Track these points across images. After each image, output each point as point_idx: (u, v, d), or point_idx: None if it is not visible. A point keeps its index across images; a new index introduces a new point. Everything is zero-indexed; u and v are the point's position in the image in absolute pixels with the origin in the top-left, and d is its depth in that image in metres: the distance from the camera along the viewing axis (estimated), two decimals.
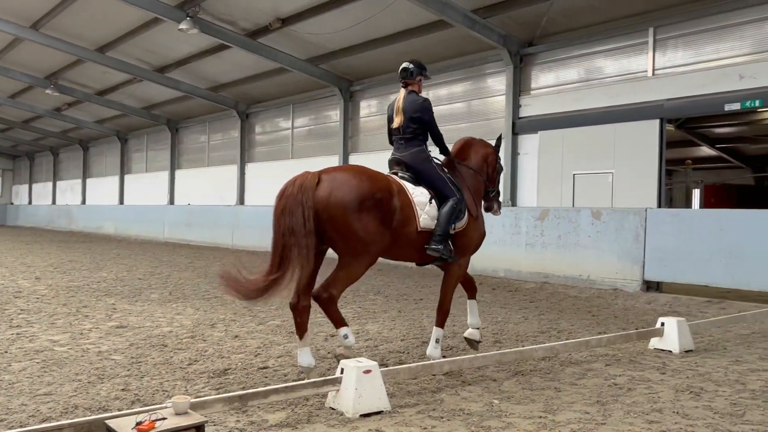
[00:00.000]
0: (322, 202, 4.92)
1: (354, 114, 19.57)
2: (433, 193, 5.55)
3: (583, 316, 9.16)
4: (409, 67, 5.85)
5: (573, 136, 13.74)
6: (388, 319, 8.41)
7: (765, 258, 10.23)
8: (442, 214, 5.49)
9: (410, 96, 5.75)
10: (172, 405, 3.59)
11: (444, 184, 5.62)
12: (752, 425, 4.26)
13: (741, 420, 4.37)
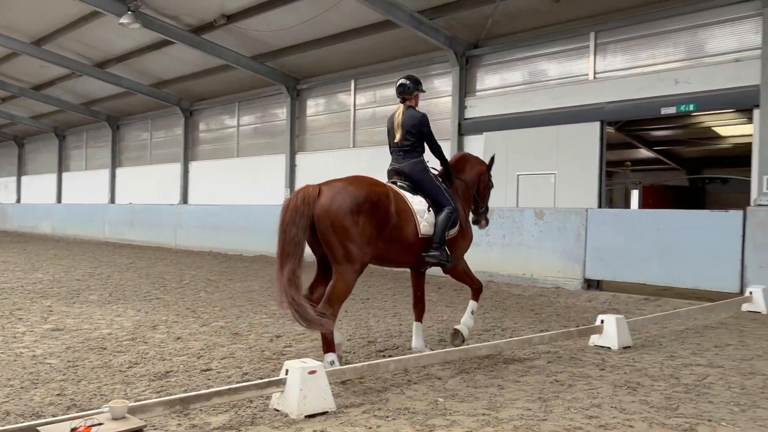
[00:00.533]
0: (324, 210, 5.25)
1: (301, 113, 19.45)
2: (430, 201, 5.94)
3: (527, 314, 9.33)
4: (407, 83, 6.19)
5: (517, 138, 13.98)
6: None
7: (698, 256, 10.63)
8: (438, 222, 5.89)
9: (409, 111, 6.13)
10: (109, 409, 3.49)
11: (440, 194, 6.03)
12: (685, 418, 4.42)
13: (675, 413, 4.52)
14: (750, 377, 5.62)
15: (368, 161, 17.19)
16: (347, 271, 5.37)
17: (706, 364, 6.09)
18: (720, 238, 10.45)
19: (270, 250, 18.48)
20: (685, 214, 11.40)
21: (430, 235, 5.86)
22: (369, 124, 17.47)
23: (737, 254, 10.26)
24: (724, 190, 24.72)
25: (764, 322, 8.75)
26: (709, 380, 5.48)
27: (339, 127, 18.29)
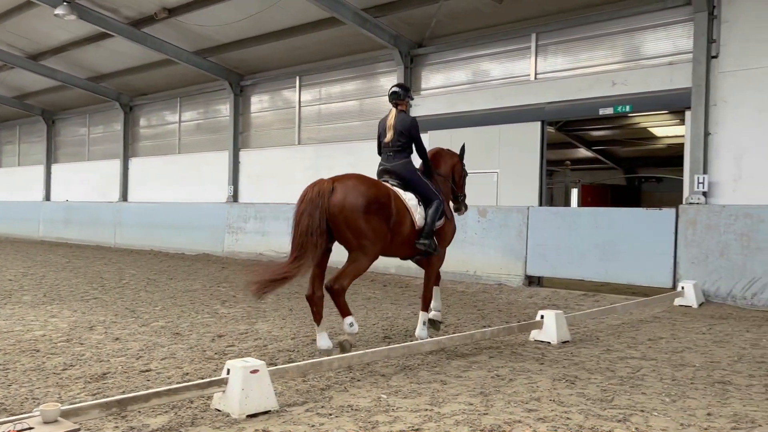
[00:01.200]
0: (338, 206, 5.86)
1: (245, 109, 19.20)
2: (419, 197, 6.57)
3: (470, 310, 9.46)
4: (399, 91, 6.88)
5: (461, 136, 14.09)
6: (279, 318, 8.32)
7: (634, 253, 10.98)
8: (428, 214, 6.54)
9: (400, 115, 6.76)
10: (41, 413, 3.37)
11: (427, 189, 6.67)
12: (620, 409, 4.55)
13: (610, 405, 4.66)
14: (680, 369, 5.84)
15: (313, 159, 17.10)
16: (361, 259, 6.00)
17: (640, 357, 6.30)
18: (654, 235, 10.81)
19: (212, 249, 18.19)
20: (622, 212, 11.75)
21: (422, 226, 6.51)
22: (314, 121, 17.38)
23: (670, 250, 10.64)
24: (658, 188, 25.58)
25: (695, 315, 9.10)
26: (643, 372, 5.67)
27: (284, 124, 18.13)
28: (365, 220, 5.89)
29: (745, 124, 10.51)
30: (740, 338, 7.45)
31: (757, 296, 9.76)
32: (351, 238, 5.93)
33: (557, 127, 18.62)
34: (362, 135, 16.13)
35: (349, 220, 5.85)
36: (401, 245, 6.45)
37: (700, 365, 5.99)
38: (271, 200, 17.73)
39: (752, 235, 9.89)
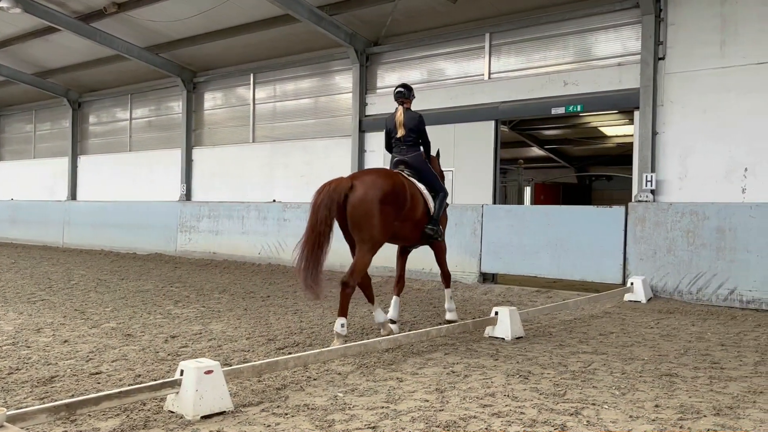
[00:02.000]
0: (360, 200, 6.35)
1: (198, 106, 18.90)
2: (428, 187, 7.24)
3: (426, 307, 9.51)
4: (404, 90, 7.60)
5: None
6: (234, 318, 8.23)
7: (585, 250, 11.22)
8: (438, 203, 7.25)
9: (408, 113, 7.42)
10: None
11: (436, 180, 7.40)
12: (572, 403, 4.65)
13: (563, 399, 4.75)
14: (630, 362, 5.99)
15: (268, 157, 16.96)
16: (369, 250, 6.51)
17: (591, 352, 6.44)
18: (605, 232, 11.06)
19: (165, 248, 17.87)
20: (573, 210, 11.98)
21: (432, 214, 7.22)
22: (269, 119, 17.23)
23: (620, 247, 10.90)
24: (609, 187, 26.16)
25: (644, 310, 9.35)
26: (594, 366, 5.80)
27: (238, 122, 17.93)
28: (380, 210, 6.39)
29: (690, 124, 10.84)
30: (686, 332, 7.68)
31: (702, 291, 10.07)
32: (365, 228, 6.40)
33: (511, 126, 18.89)
34: (318, 133, 16.07)
35: (368, 211, 6.35)
36: (412, 230, 7.07)
37: (649, 359, 6.15)
38: (225, 199, 17.52)
39: (697, 231, 10.20)
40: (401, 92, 7.59)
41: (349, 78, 15.42)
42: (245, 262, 15.62)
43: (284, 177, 16.63)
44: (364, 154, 15.09)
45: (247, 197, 17.20)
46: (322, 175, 16.13)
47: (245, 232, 16.31)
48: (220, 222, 16.87)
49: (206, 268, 14.55)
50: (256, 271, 14.11)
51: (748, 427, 4.19)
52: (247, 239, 16.20)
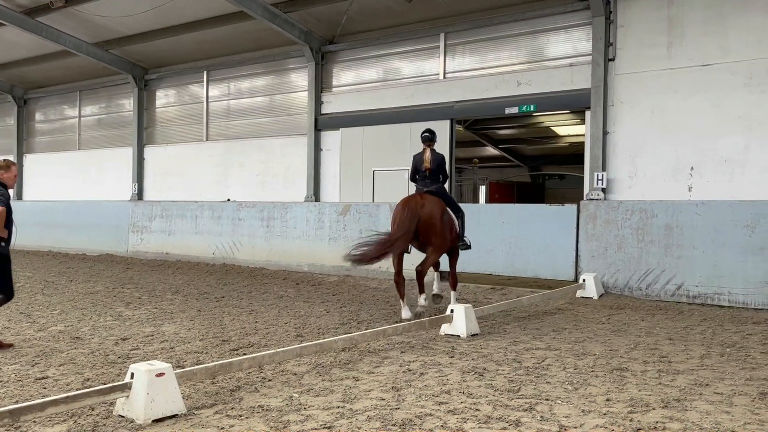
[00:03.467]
0: (430, 214, 8.26)
1: (150, 104, 18.52)
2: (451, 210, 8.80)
3: (382, 306, 9.52)
4: (429, 135, 9.14)
5: (372, 134, 14.21)
6: (187, 319, 8.09)
7: (539, 247, 11.38)
8: (461, 221, 8.97)
9: (434, 153, 9.00)
10: None
11: (455, 204, 9.00)
12: (526, 399, 4.70)
13: (517, 395, 4.80)
14: (582, 357, 6.10)
15: (222, 155, 16.73)
16: (438, 251, 8.51)
17: (545, 348, 6.53)
18: (557, 230, 11.24)
19: (116, 249, 17.47)
20: (527, 208, 12.15)
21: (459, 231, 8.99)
22: (223, 117, 17.00)
23: (572, 245, 11.10)
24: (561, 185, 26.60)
25: (595, 306, 9.54)
26: (548, 362, 5.88)
27: (191, 120, 17.64)
28: (441, 222, 8.34)
29: (639, 124, 11.10)
30: (636, 327, 7.86)
31: (651, 287, 10.33)
32: (436, 234, 8.30)
33: (465, 126, 19.04)
34: (273, 131, 15.92)
35: (436, 223, 8.28)
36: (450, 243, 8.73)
37: (600, 354, 6.27)
38: (178, 198, 17.20)
39: (646, 229, 10.46)
40: (427, 137, 9.27)
41: (304, 76, 15.31)
42: (199, 263, 15.39)
43: (239, 176, 16.44)
44: (321, 152, 15.02)
45: (201, 197, 16.94)
46: (278, 173, 16.11)
47: (199, 232, 16.07)
48: (173, 222, 16.58)
49: (159, 269, 14.27)
50: (210, 272, 13.93)
51: (695, 418, 4.31)
52: (200, 239, 15.96)
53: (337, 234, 13.65)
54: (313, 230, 14.05)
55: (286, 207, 14.63)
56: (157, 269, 14.28)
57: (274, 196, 15.59)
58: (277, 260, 14.49)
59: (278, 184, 15.76)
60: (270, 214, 14.82)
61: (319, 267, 13.75)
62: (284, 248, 14.48)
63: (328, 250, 13.71)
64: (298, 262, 14.17)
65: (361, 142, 14.32)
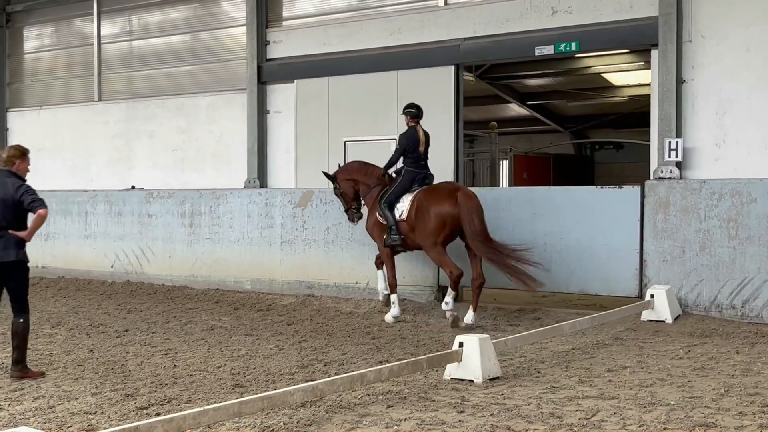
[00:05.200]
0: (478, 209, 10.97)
1: (15, 48, 18.37)
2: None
3: (360, 339, 9.49)
4: (415, 111, 11.35)
5: (342, 88, 14.12)
6: (74, 364, 8.04)
7: (586, 249, 11.36)
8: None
9: (425, 132, 11.33)
10: None
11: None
12: None
13: None
14: (650, 409, 6.11)
15: (123, 122, 16.60)
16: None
17: (596, 396, 6.54)
18: (613, 223, 11.23)
19: None
20: (569, 193, 12.15)
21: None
22: (123, 66, 16.87)
23: (634, 244, 11.10)
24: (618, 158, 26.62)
25: (668, 333, 9.57)
26: (600, 417, 5.89)
27: (76, 71, 17.51)
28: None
29: (729, 68, 11.08)
30: (728, 363, 7.89)
31: (748, 304, 10.36)
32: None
33: (478, 74, 18.99)
34: (197, 86, 15.83)
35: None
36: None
37: (676, 403, 6.28)
38: (59, 186, 17.02)
39: (741, 220, 10.47)
40: (413, 112, 10.94)
41: (241, 5, 15.21)
42: (92, 280, 15.26)
43: (148, 152, 16.33)
44: (267, 116, 14.93)
45: (92, 183, 16.81)
46: (206, 148, 15.98)
47: (90, 234, 15.92)
48: (53, 220, 16.39)
49: (32, 290, 14.12)
50: (108, 293, 13.82)
51: None
52: (93, 245, 15.82)
53: (293, 235, 13.59)
54: (257, 230, 13.97)
55: (217, 197, 14.55)
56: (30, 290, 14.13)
57: (200, 180, 15.51)
58: (205, 275, 14.42)
59: (205, 163, 15.67)
60: (194, 208, 14.72)
61: (268, 283, 13.67)
62: (216, 257, 14.40)
63: (281, 259, 13.65)
64: (236, 276, 14.09)
65: (326, 100, 14.24)
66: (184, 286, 14.34)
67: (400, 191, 11.30)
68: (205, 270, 14.48)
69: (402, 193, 11.28)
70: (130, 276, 15.21)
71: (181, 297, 13.30)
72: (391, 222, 11.15)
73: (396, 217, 11.16)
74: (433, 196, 11.07)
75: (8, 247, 7.50)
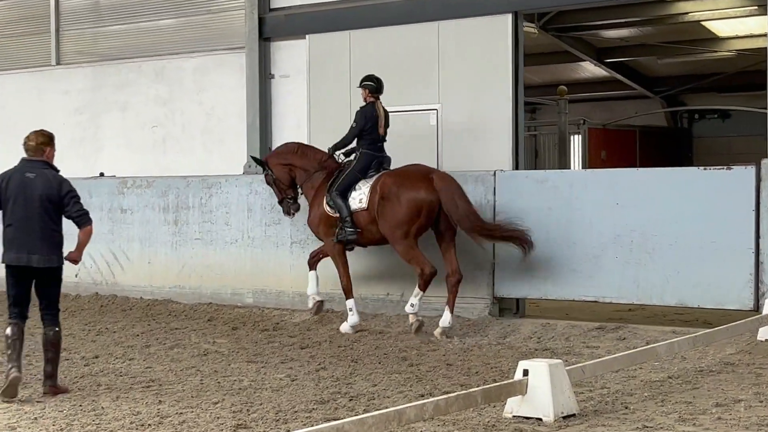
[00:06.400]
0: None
1: None
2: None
3: (395, 367, 9.49)
4: (375, 84, 12.09)
5: (369, 45, 14.10)
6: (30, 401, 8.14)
7: (684, 248, 11.26)
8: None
9: (385, 109, 12.06)
10: None
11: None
12: None
13: None
14: None
15: (88, 92, 16.70)
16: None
17: None
18: (719, 214, 11.15)
19: None
20: (662, 176, 12.06)
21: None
22: (88, 20, 16.97)
23: (748, 241, 11.02)
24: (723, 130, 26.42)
25: None
26: None
27: (27, 27, 17.64)
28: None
29: None
30: None
31: None
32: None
33: (542, 24, 18.92)
34: (182, 44, 15.91)
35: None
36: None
37: None
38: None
39: None
40: (372, 86, 11.66)
41: None
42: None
43: (120, 130, 16.42)
44: (271, 81, 14.97)
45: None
46: (193, 123, 16.01)
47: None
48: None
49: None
50: (71, 310, 13.91)
51: None
52: None
53: (306, 234, 13.57)
54: (261, 228, 13.99)
55: (209, 186, 14.61)
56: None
57: (187, 165, 15.57)
58: (195, 285, 14.48)
59: (193, 142, 15.74)
60: (180, 200, 14.79)
61: (275, 296, 13.69)
62: (208, 262, 14.46)
63: (292, 264, 13.67)
64: (234, 287, 14.12)
65: (346, 60, 14.24)
66: (168, 299, 14.43)
67: (355, 177, 11.98)
68: (194, 279, 14.54)
69: (356, 179, 11.97)
70: (99, 287, 15.32)
71: (165, 314, 13.38)
72: (345, 213, 11.72)
73: (351, 207, 11.77)
74: (404, 180, 11.70)
75: (52, 250, 8.34)
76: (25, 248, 8.20)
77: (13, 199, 8.25)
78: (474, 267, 12.34)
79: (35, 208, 8.23)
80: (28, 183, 8.27)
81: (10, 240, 8.28)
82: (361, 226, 11.64)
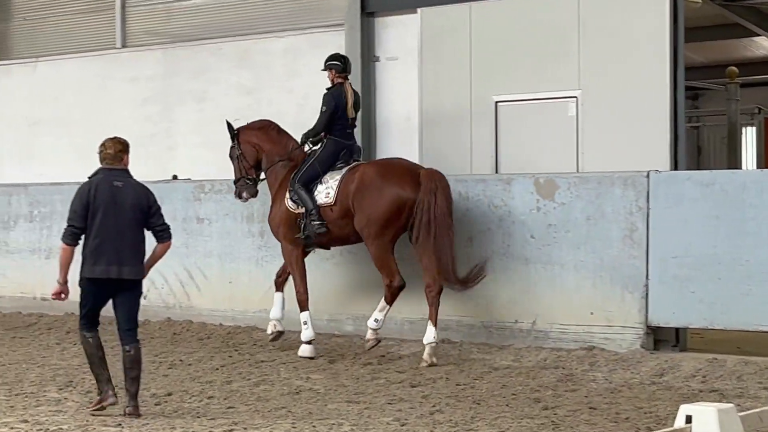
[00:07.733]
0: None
1: None
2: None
3: (526, 410, 9.44)
4: (340, 64, 12.60)
5: (494, 19, 14.13)
6: None
7: None
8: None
9: (355, 92, 12.59)
10: None
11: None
12: None
13: None
14: None
15: (158, 79, 16.94)
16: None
17: None
18: None
19: None
20: None
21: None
22: None
23: None
24: None
25: None
26: None
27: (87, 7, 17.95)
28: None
29: None
30: None
31: None
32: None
33: None
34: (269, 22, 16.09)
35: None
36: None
37: None
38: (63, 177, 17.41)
39: None
40: (339, 66, 12.17)
41: None
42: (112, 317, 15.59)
43: (197, 124, 16.65)
44: (375, 65, 15.04)
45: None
46: (284, 115, 16.11)
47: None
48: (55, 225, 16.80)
49: (28, 334, 14.57)
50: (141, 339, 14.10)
51: None
52: None
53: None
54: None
55: None
56: (22, 331, 14.60)
57: None
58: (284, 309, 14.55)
59: None
60: (267, 208, 14.87)
61: (388, 321, 13.72)
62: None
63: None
64: (332, 312, 14.17)
65: (466, 38, 14.27)
66: (253, 326, 14.57)
67: (320, 168, 12.64)
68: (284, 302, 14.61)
69: (323, 170, 12.65)
70: (171, 311, 15.53)
71: (249, 343, 13.51)
72: (310, 205, 12.39)
73: (317, 201, 12.48)
74: (388, 172, 12.46)
75: (137, 261, 9.12)
76: (116, 260, 8.82)
77: (104, 210, 8.82)
78: (622, 287, 12.22)
79: (127, 219, 8.91)
80: (117, 192, 8.92)
81: (99, 252, 8.83)
82: (328, 222, 12.30)
